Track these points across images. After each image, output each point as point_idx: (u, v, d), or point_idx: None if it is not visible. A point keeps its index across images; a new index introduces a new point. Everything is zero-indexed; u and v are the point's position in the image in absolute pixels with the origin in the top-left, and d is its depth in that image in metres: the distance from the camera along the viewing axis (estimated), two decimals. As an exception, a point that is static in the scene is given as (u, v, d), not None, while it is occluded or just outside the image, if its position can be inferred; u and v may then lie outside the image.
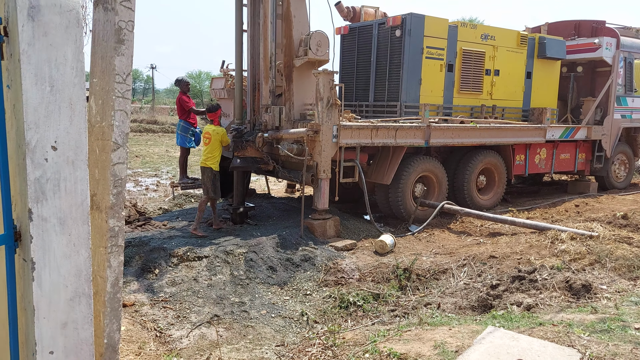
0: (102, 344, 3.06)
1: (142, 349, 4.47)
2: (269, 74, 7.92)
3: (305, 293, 5.80)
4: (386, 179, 8.18)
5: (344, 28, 10.00)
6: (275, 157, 8.23)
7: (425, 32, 8.83)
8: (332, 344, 4.29)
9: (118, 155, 2.97)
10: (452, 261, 6.43)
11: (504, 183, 9.88)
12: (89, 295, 2.55)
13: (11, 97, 2.31)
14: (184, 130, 9.76)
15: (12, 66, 2.27)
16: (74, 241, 2.45)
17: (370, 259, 6.63)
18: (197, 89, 54.70)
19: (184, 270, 5.90)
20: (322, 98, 7.12)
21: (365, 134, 7.68)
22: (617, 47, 11.38)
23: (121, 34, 2.87)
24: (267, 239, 6.63)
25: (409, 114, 8.83)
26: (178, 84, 9.61)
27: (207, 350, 4.60)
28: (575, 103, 12.18)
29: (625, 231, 7.04)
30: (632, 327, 3.91)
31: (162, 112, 40.45)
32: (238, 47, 8.37)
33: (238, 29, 8.34)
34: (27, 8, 2.18)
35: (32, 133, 2.25)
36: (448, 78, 9.31)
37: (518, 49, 10.14)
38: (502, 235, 7.67)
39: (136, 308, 5.19)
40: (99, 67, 3.00)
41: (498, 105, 10.03)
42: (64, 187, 2.39)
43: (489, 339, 3.76)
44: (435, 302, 5.45)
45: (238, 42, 8.34)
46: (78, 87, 2.38)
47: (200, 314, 5.17)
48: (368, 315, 5.34)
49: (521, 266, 5.86)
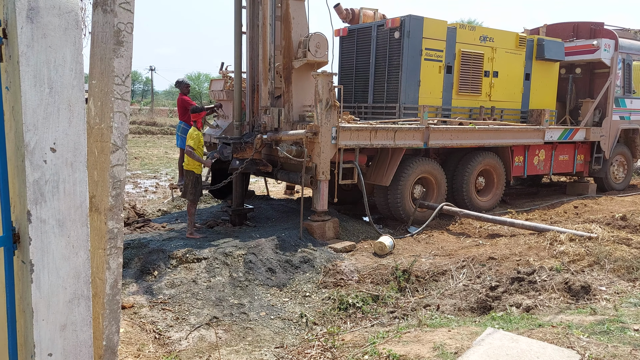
0: (101, 346, 3.05)
1: (141, 350, 4.46)
2: (267, 75, 7.93)
3: (305, 295, 5.80)
4: (385, 180, 8.19)
5: (343, 30, 10.01)
6: (274, 158, 8.24)
7: (424, 33, 8.84)
8: (332, 346, 4.29)
9: (117, 157, 2.97)
10: (451, 263, 6.42)
11: (503, 184, 9.89)
12: (87, 297, 2.54)
13: (10, 98, 2.31)
14: (184, 132, 9.76)
15: (11, 68, 2.27)
16: (72, 243, 2.45)
17: (369, 260, 6.63)
18: (196, 90, 54.77)
19: (183, 272, 5.89)
20: (321, 100, 7.12)
21: (364, 136, 7.68)
22: (616, 48, 11.40)
23: (120, 35, 2.87)
24: (266, 241, 6.62)
25: (407, 115, 8.84)
26: (178, 86, 9.67)
27: (206, 352, 4.60)
28: (574, 104, 12.20)
29: (624, 232, 7.04)
30: (631, 329, 3.91)
31: (161, 113, 40.46)
32: (237, 49, 8.39)
33: (237, 31, 8.36)
34: (26, 10, 2.18)
35: (31, 135, 2.25)
36: (447, 80, 9.32)
37: (517, 51, 10.16)
38: (501, 237, 7.67)
39: (135, 310, 5.19)
40: (98, 68, 3.00)
41: (497, 106, 10.05)
42: (63, 189, 2.38)
43: (488, 340, 3.76)
44: (434, 304, 5.45)
45: (237, 44, 8.37)
46: (77, 89, 2.38)
47: (199, 315, 5.16)
48: (367, 316, 5.33)
49: (520, 267, 5.86)
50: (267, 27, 7.79)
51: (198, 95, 53.57)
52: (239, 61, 8.44)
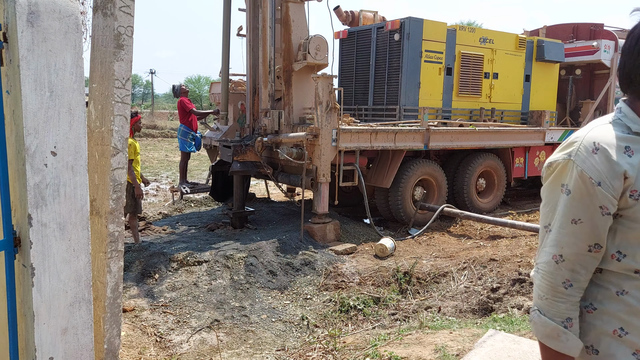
0: (102, 349, 3.05)
1: (143, 354, 4.45)
2: (268, 78, 7.94)
3: (306, 297, 5.79)
4: (386, 182, 8.18)
5: (342, 32, 10.02)
6: (274, 161, 8.24)
7: (423, 35, 8.85)
8: (333, 348, 4.29)
9: (117, 160, 2.97)
10: (452, 264, 6.42)
11: (504, 186, 9.89)
12: (89, 301, 2.54)
13: (10, 102, 2.31)
14: (184, 135, 9.79)
15: (11, 72, 2.27)
16: (73, 246, 2.45)
17: (370, 262, 6.62)
18: (196, 93, 54.88)
19: (184, 275, 5.89)
20: (321, 102, 7.13)
21: (365, 138, 7.68)
22: (616, 49, 11.40)
23: (120, 39, 2.87)
24: (267, 243, 6.62)
25: (408, 117, 8.85)
26: (174, 93, 9.94)
27: (207, 355, 4.59)
28: (574, 106, 12.20)
29: (625, 233, 7.02)
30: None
31: (161, 117, 40.46)
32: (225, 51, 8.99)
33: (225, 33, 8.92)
34: (27, 14, 2.18)
35: (32, 138, 2.25)
36: (447, 81, 9.32)
37: (516, 52, 10.16)
38: (502, 238, 7.66)
39: (136, 313, 5.18)
40: (98, 72, 3.00)
41: (497, 108, 10.05)
42: (64, 193, 2.38)
43: (489, 342, 3.75)
44: (435, 306, 5.44)
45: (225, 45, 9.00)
46: (77, 93, 2.38)
47: (200, 318, 5.16)
48: (369, 319, 5.33)
49: (521, 269, 5.86)
50: (267, 29, 7.80)
51: (198, 98, 53.66)
52: (227, 63, 9.02)
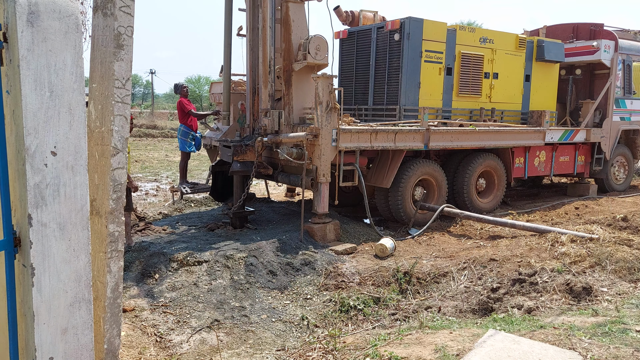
0: (102, 349, 3.05)
1: (143, 354, 4.45)
2: (268, 78, 7.93)
3: (306, 297, 5.79)
4: (386, 182, 8.18)
5: (342, 32, 10.02)
6: (274, 161, 8.24)
7: (424, 35, 8.85)
8: (333, 348, 4.29)
9: (117, 160, 2.97)
10: (452, 264, 6.42)
11: (504, 186, 9.88)
12: (89, 301, 2.54)
13: (10, 102, 2.32)
14: (184, 135, 9.79)
15: (11, 72, 2.27)
16: (73, 246, 2.45)
17: (370, 262, 6.62)
18: (196, 93, 54.87)
19: (184, 275, 5.89)
20: (321, 102, 7.12)
21: (365, 138, 7.68)
22: (616, 49, 11.41)
23: (120, 39, 2.87)
24: (267, 243, 6.62)
25: (408, 117, 8.85)
26: (176, 90, 9.87)
27: (207, 355, 4.59)
28: (574, 105, 12.20)
29: (625, 233, 7.03)
30: (632, 330, 3.90)
31: (161, 117, 40.47)
32: (227, 51, 8.94)
33: (227, 33, 8.85)
34: (27, 14, 2.18)
35: (32, 138, 2.25)
36: (447, 81, 9.32)
37: (517, 52, 10.16)
38: (502, 238, 7.66)
39: (136, 313, 5.18)
40: (98, 72, 3.00)
41: (497, 108, 10.05)
42: (64, 193, 2.38)
43: (489, 342, 3.75)
44: (435, 306, 5.44)
45: (227, 46, 8.95)
46: (77, 93, 2.38)
47: (200, 318, 5.16)
48: (369, 319, 5.33)
49: (521, 269, 5.85)
50: (267, 29, 7.80)
51: (198, 98, 53.65)
52: (229, 63, 8.97)
